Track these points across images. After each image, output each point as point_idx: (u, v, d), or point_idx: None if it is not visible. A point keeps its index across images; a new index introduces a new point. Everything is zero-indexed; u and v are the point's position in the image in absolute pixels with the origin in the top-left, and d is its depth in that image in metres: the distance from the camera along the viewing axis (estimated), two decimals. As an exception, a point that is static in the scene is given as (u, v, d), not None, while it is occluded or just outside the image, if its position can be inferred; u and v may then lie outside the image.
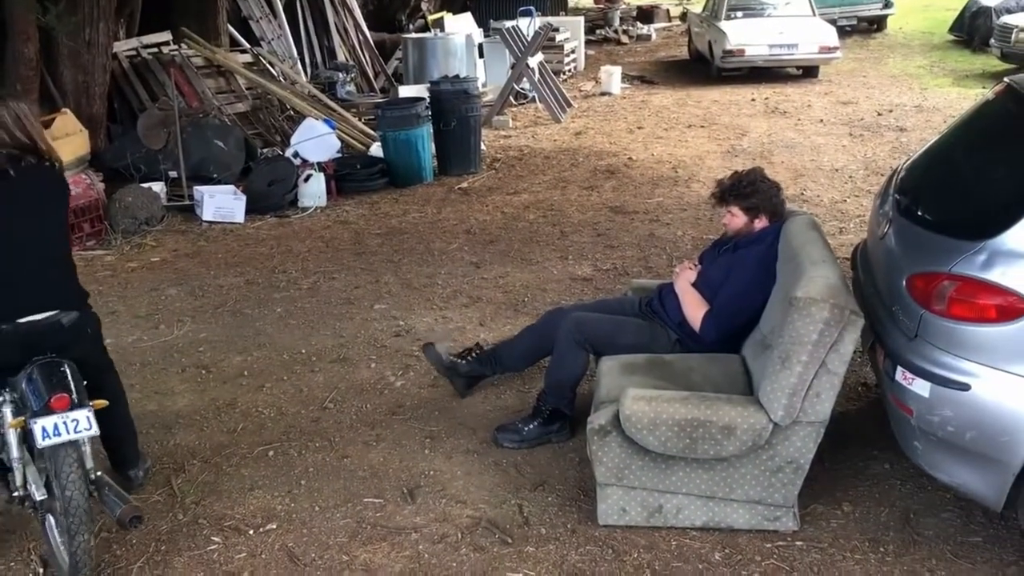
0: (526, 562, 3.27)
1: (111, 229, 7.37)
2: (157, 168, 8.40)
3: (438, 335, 5.17)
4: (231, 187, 8.18)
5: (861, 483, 3.65)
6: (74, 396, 3.11)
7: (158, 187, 8.07)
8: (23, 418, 3.07)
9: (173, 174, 8.38)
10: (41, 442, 2.99)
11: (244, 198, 7.95)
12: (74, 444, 3.08)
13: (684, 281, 3.97)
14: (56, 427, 3.00)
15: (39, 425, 2.99)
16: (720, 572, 3.17)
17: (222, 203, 7.89)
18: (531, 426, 4.02)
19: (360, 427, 4.28)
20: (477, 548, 3.36)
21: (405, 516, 3.57)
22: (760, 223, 3.84)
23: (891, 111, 11.35)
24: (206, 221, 7.81)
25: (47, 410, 3.02)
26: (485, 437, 4.10)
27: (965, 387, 2.90)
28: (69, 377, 3.18)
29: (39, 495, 3.15)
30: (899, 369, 3.08)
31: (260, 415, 4.44)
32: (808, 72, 14.41)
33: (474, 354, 4.46)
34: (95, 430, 3.08)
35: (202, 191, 7.97)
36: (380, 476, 3.86)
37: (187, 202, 8.13)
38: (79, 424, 3.04)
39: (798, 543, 3.30)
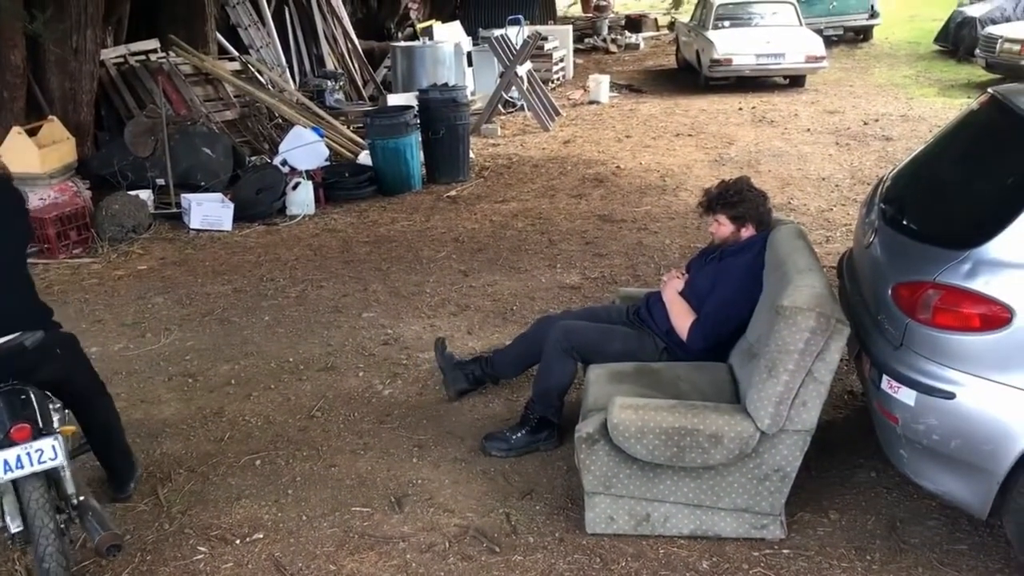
0: (514, 571, 3.26)
1: (98, 237, 7.34)
2: (144, 176, 8.36)
3: (426, 343, 5.16)
4: (219, 195, 8.15)
5: (848, 491, 3.67)
6: (38, 424, 2.95)
7: (145, 195, 8.03)
8: None
9: (160, 182, 8.35)
10: (3, 476, 2.86)
11: (232, 206, 7.93)
12: (40, 475, 2.93)
13: (671, 290, 3.98)
14: (19, 459, 2.86)
15: (0, 458, 2.86)
16: (707, 580, 3.18)
17: (210, 211, 7.87)
18: (519, 435, 4.02)
19: (348, 436, 4.27)
20: (465, 557, 3.35)
21: (393, 525, 3.57)
22: (747, 232, 3.86)
23: (877, 120, 11.42)
24: (194, 229, 7.78)
25: (8, 441, 2.87)
26: (473, 446, 4.10)
27: (950, 396, 2.92)
28: (34, 404, 3.02)
29: (14, 527, 3.02)
30: (884, 378, 3.10)
31: (247, 424, 4.43)
32: (795, 82, 14.48)
33: (484, 359, 4.48)
34: (61, 460, 2.93)
35: (190, 199, 7.95)
36: (368, 485, 3.85)
37: (175, 210, 8.11)
38: (43, 454, 2.89)
39: (785, 551, 3.31)
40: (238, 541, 3.49)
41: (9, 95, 7.97)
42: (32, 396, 3.05)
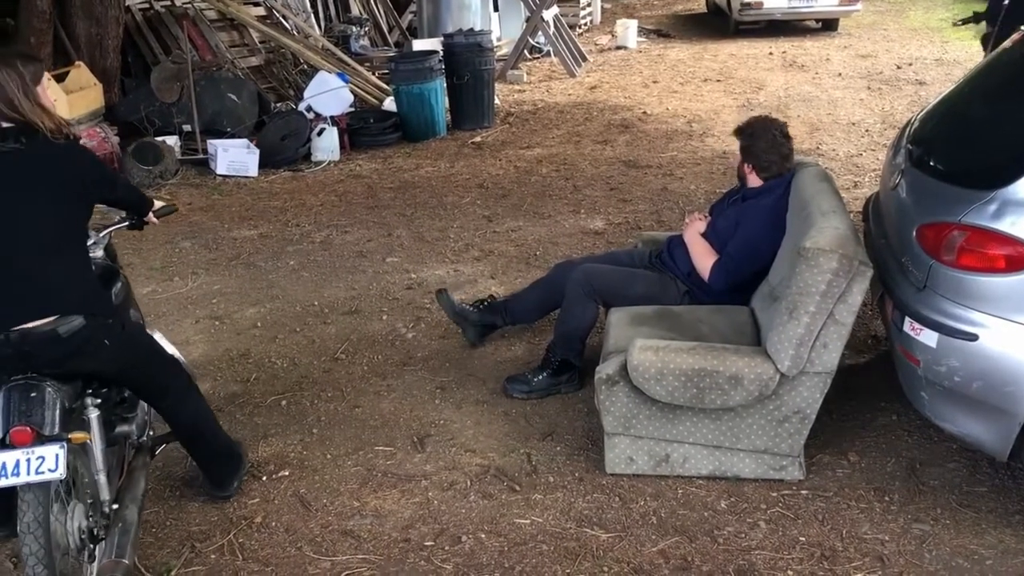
0: (534, 509, 3.31)
1: (126, 183, 7.40)
2: (171, 122, 8.41)
3: (450, 287, 5.18)
4: (244, 141, 8.18)
5: (868, 434, 3.67)
6: (45, 428, 2.58)
7: (172, 140, 8.09)
8: None
9: (187, 128, 8.39)
10: None
11: (257, 152, 7.96)
12: (41, 487, 2.53)
13: (693, 231, 3.96)
14: (17, 465, 2.49)
15: None
16: (725, 520, 3.21)
17: (236, 157, 7.90)
18: (540, 377, 4.05)
19: (371, 377, 4.32)
20: (485, 495, 3.41)
21: (415, 464, 3.62)
22: (750, 173, 3.84)
23: (911, 64, 11.19)
24: (220, 175, 7.83)
25: (6, 444, 2.52)
26: (495, 388, 4.14)
27: (973, 337, 2.90)
28: (45, 404, 2.64)
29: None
30: (907, 320, 3.08)
31: (273, 365, 4.50)
32: (827, 25, 14.19)
33: (485, 303, 4.49)
34: (61, 472, 2.50)
35: (216, 145, 7.98)
36: (391, 425, 3.91)
37: (201, 156, 8.15)
38: (44, 463, 2.49)
39: (803, 492, 3.33)
40: (264, 478, 3.56)
41: (36, 41, 7.99)
42: (47, 393, 2.67)
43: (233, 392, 4.25)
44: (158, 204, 3.46)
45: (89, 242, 3.16)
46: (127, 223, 3.39)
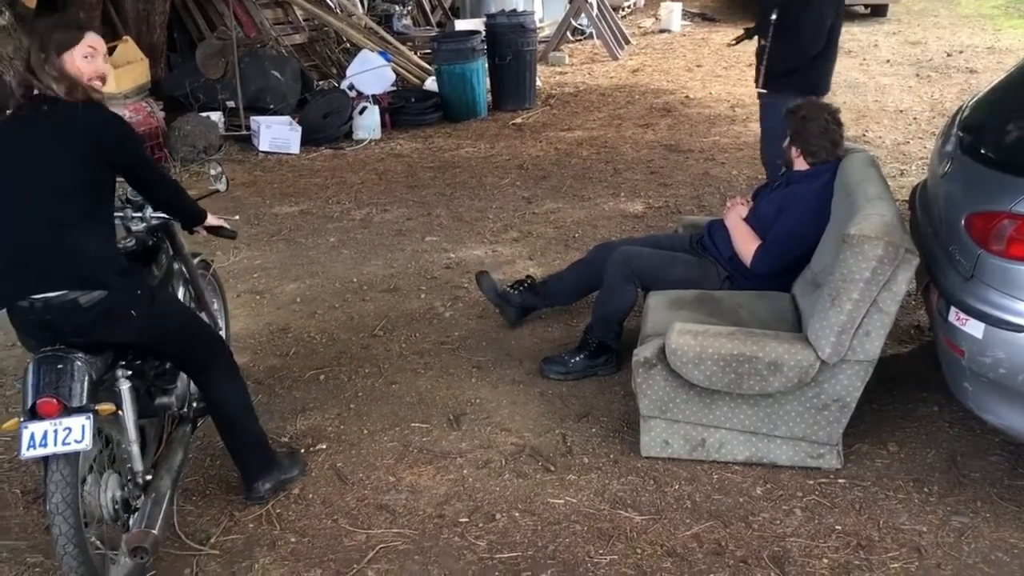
0: (568, 489, 3.32)
1: (171, 156, 7.49)
2: (215, 98, 8.48)
3: (488, 268, 5.19)
4: (287, 118, 8.24)
5: (908, 424, 3.63)
6: (71, 399, 2.57)
7: (216, 116, 8.17)
8: (17, 420, 2.58)
9: (231, 104, 8.46)
10: (25, 452, 2.51)
11: (300, 129, 8.02)
12: (68, 458, 2.55)
13: (735, 215, 3.93)
14: (45, 436, 2.50)
15: (27, 432, 2.52)
16: (760, 506, 3.19)
17: (278, 134, 7.96)
18: (577, 358, 4.05)
19: (409, 355, 4.35)
20: (520, 474, 3.42)
21: (451, 441, 3.64)
22: (797, 156, 3.78)
23: (961, 52, 10.96)
24: (262, 151, 7.90)
25: (34, 414, 2.54)
26: (531, 368, 4.15)
27: (1020, 328, 2.85)
28: (72, 375, 2.61)
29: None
30: (952, 309, 3.03)
31: (312, 340, 4.54)
32: (877, 11, 13.92)
33: (526, 284, 4.49)
34: (87, 443, 2.52)
35: (259, 121, 8.05)
36: (427, 403, 3.93)
37: (244, 132, 8.23)
38: (71, 434, 2.51)
39: (840, 481, 3.30)
40: (302, 451, 3.60)
41: (85, 15, 8.07)
42: (75, 365, 2.64)
43: (272, 366, 4.30)
44: (215, 221, 3.38)
45: (130, 214, 3.18)
46: (178, 220, 3.34)
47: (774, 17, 4.80)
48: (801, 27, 4.73)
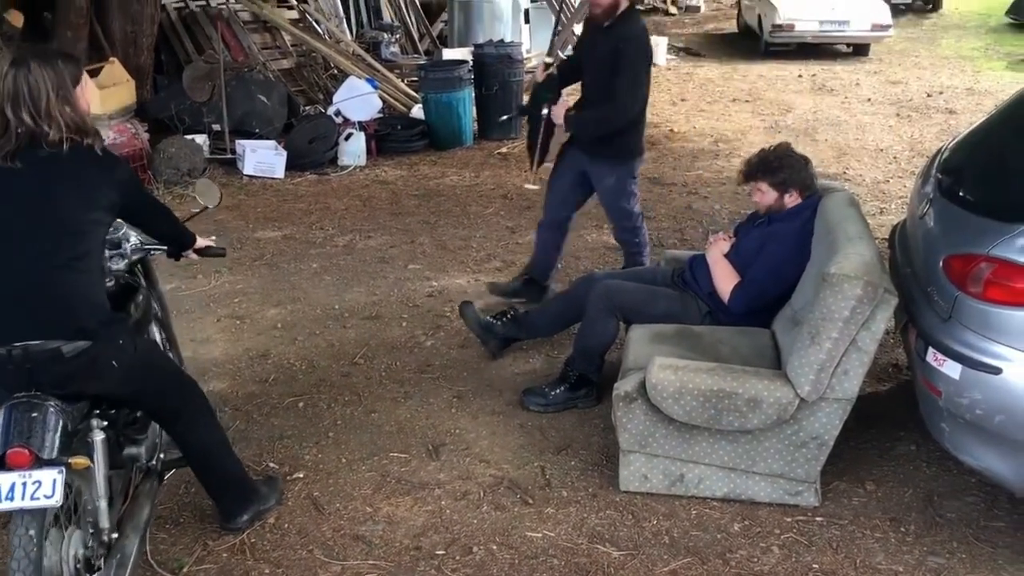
0: (546, 523, 3.31)
1: (154, 179, 7.46)
2: (201, 120, 8.47)
3: (471, 297, 5.19)
4: (272, 142, 8.23)
5: (886, 463, 3.64)
6: (44, 451, 2.41)
7: (201, 139, 8.14)
8: None
9: (216, 127, 8.45)
10: None
11: (285, 154, 8.01)
12: (35, 513, 2.37)
13: (717, 251, 3.95)
14: (12, 489, 2.33)
15: None
16: (738, 543, 3.19)
17: (263, 158, 7.95)
18: (558, 391, 4.05)
19: (389, 383, 4.33)
20: (498, 507, 3.40)
21: (429, 472, 3.63)
22: (791, 199, 3.79)
23: (941, 93, 11.12)
24: (247, 175, 7.88)
25: (2, 464, 2.37)
26: (512, 399, 4.14)
27: (996, 370, 2.87)
28: (46, 424, 2.46)
29: None
30: (930, 350, 3.06)
31: (292, 367, 4.51)
32: (858, 50, 14.14)
33: (508, 315, 4.49)
34: (58, 499, 2.36)
35: (244, 145, 8.04)
36: (406, 432, 3.91)
37: (229, 155, 8.21)
38: (40, 488, 2.34)
39: (818, 519, 3.31)
40: (279, 477, 3.57)
41: (73, 36, 8.10)
42: (49, 414, 2.49)
43: (251, 392, 4.27)
44: (203, 243, 3.33)
45: (111, 253, 3.07)
46: (163, 248, 3.25)
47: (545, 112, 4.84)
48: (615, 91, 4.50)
